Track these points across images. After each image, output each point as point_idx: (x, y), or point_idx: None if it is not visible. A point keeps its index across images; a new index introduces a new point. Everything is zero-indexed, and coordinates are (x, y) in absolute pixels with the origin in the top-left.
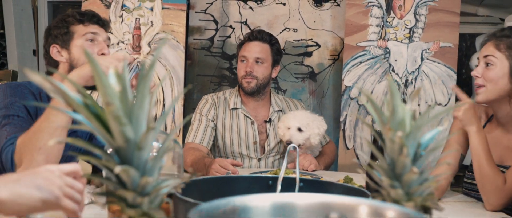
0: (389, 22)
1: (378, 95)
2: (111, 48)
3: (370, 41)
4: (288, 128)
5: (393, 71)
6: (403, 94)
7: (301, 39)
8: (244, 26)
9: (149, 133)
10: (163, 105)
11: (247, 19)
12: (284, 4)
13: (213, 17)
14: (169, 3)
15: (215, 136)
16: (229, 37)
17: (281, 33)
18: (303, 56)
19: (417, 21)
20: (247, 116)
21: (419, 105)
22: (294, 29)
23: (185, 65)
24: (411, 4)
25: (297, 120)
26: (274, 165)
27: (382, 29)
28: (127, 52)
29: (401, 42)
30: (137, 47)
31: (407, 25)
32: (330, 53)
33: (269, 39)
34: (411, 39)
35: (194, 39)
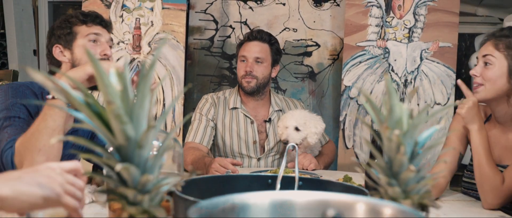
0: (389, 22)
1: (377, 95)
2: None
3: (369, 41)
4: (285, 127)
5: (393, 71)
6: (403, 94)
7: (301, 39)
8: (244, 26)
9: (150, 132)
10: (163, 105)
11: (247, 19)
12: (284, 4)
13: (213, 17)
14: (169, 3)
15: (215, 136)
16: (229, 37)
17: (281, 33)
18: (303, 56)
19: (417, 21)
20: (246, 116)
21: (418, 105)
22: (293, 29)
23: (185, 65)
24: (410, 4)
25: (294, 119)
26: (273, 165)
27: (381, 29)
28: (127, 52)
29: (401, 42)
30: (137, 47)
31: (407, 25)
32: (329, 53)
33: (269, 39)
34: (410, 39)
35: (194, 39)
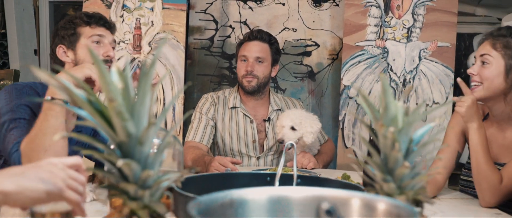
0: (387, 22)
1: (376, 95)
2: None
3: (368, 40)
4: (282, 127)
5: (391, 70)
6: (401, 93)
7: (300, 39)
8: (243, 26)
9: (150, 128)
10: (164, 104)
11: (246, 19)
12: (283, 4)
13: (213, 17)
14: (169, 3)
15: (215, 135)
16: (229, 37)
17: (280, 33)
18: (302, 56)
19: (415, 21)
20: (246, 115)
21: (417, 104)
22: (293, 29)
23: (185, 64)
24: (409, 4)
25: (290, 118)
26: (273, 164)
27: (380, 29)
28: (127, 52)
29: (399, 41)
30: (137, 47)
31: (405, 25)
32: (329, 52)
33: (269, 38)
34: (409, 38)
35: (194, 39)
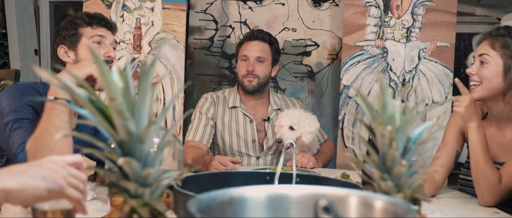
0: (387, 22)
1: (375, 94)
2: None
3: (368, 40)
4: (281, 126)
5: (391, 70)
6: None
7: (300, 39)
8: (243, 26)
9: (151, 127)
10: (164, 103)
11: (246, 19)
12: (283, 4)
13: (213, 17)
14: (169, 3)
15: (215, 134)
16: (228, 37)
17: (280, 33)
18: (302, 55)
19: (414, 21)
20: (246, 115)
21: (416, 104)
22: (293, 29)
23: (185, 64)
24: (408, 4)
25: (288, 118)
26: (272, 163)
27: (380, 29)
28: (128, 52)
29: (399, 41)
30: (137, 47)
31: (405, 25)
32: (328, 52)
33: (269, 38)
34: (408, 38)
35: (194, 39)
